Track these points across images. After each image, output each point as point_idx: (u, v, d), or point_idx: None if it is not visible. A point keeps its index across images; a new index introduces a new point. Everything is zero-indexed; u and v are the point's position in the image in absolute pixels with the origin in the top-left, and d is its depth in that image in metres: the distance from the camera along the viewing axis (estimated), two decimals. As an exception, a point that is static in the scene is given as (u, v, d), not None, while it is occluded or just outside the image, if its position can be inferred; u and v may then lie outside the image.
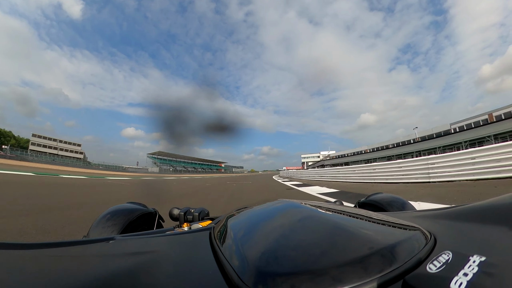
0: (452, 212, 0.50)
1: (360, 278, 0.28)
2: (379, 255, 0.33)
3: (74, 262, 0.44)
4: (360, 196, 2.27)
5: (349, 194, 6.99)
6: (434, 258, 0.29)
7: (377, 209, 1.04)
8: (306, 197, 7.19)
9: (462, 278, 0.23)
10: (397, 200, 1.05)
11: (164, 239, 0.59)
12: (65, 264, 0.43)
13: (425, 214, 0.57)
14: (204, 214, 1.14)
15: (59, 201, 5.48)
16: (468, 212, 0.47)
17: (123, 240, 0.55)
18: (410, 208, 1.00)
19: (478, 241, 0.34)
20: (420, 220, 0.51)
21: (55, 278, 0.35)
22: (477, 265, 0.25)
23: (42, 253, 0.45)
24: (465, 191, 5.16)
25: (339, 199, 1.27)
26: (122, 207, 1.11)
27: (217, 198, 7.54)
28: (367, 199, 1.17)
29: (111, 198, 7.13)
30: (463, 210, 0.49)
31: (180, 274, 0.37)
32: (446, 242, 0.37)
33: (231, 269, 0.34)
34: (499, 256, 0.27)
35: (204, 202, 6.60)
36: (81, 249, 0.51)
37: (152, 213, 1.19)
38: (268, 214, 0.63)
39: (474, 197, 4.42)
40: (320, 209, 0.61)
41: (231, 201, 6.47)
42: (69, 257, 0.46)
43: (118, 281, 0.33)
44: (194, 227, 0.80)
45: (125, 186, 12.52)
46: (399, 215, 0.60)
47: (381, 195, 1.14)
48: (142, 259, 0.43)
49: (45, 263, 0.41)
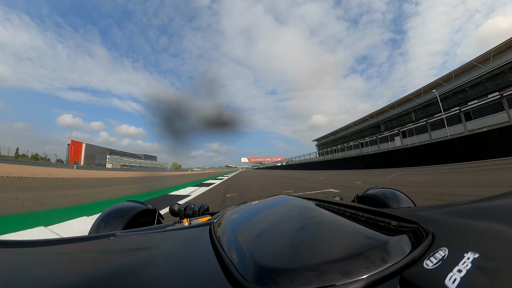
0: (450, 208, 0.51)
1: (359, 273, 0.28)
2: (377, 250, 0.33)
3: (76, 258, 0.45)
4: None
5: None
6: (431, 254, 0.30)
7: (375, 203, 1.05)
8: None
9: (456, 274, 0.24)
10: (395, 194, 1.06)
11: (164, 234, 0.60)
12: (67, 260, 0.43)
13: (423, 210, 0.57)
14: (204, 209, 1.15)
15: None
16: (466, 209, 0.48)
17: (123, 236, 0.55)
18: (408, 202, 1.01)
19: (474, 238, 0.35)
20: (419, 216, 0.51)
21: (57, 274, 0.35)
22: (471, 262, 0.26)
23: (45, 251, 0.46)
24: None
25: (338, 194, 1.27)
26: (122, 205, 1.12)
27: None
28: (365, 193, 1.17)
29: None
30: (461, 207, 0.49)
31: (180, 269, 0.38)
32: (443, 238, 0.37)
33: (231, 264, 0.35)
34: (492, 254, 0.27)
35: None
36: (82, 246, 0.51)
37: (151, 210, 1.20)
38: (268, 209, 0.64)
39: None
40: (319, 204, 0.61)
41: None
42: (71, 253, 0.47)
43: (119, 276, 0.33)
44: (194, 222, 0.81)
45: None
46: (398, 211, 0.60)
47: (380, 189, 1.14)
48: (142, 255, 0.43)
49: (48, 260, 0.42)
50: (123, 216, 1.02)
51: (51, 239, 0.50)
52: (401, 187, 3.09)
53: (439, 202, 0.86)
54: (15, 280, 0.33)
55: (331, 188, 6.34)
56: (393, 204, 1.00)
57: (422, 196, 3.73)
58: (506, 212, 0.40)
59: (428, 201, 3.27)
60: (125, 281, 0.32)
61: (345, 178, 10.27)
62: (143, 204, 1.21)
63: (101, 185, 8.90)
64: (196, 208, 1.12)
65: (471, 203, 0.49)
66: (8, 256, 0.42)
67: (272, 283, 0.29)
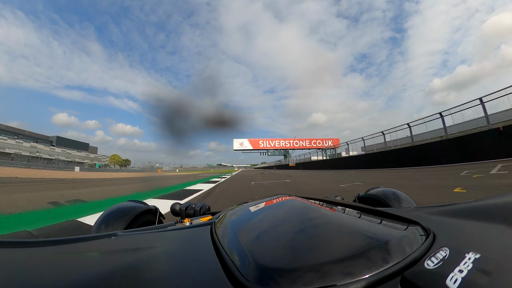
0: (452, 208, 0.51)
1: (360, 273, 0.28)
2: (379, 250, 0.34)
3: (77, 258, 0.45)
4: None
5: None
6: (432, 254, 0.30)
7: (377, 203, 1.05)
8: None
9: (458, 274, 0.24)
10: (396, 194, 1.05)
11: (165, 234, 0.60)
12: (68, 260, 0.43)
13: (424, 210, 0.58)
14: (205, 209, 1.15)
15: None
16: (467, 209, 0.48)
17: (124, 236, 0.55)
18: (409, 202, 1.01)
19: (475, 238, 0.35)
20: (419, 216, 0.51)
21: (59, 274, 0.35)
22: (472, 262, 0.26)
23: (47, 250, 0.46)
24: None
25: (339, 195, 1.27)
26: (123, 205, 1.12)
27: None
28: (366, 193, 1.17)
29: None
30: (462, 207, 0.50)
31: (181, 269, 0.38)
32: (444, 238, 0.37)
33: (232, 264, 0.35)
34: (493, 254, 0.27)
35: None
36: (84, 246, 0.51)
37: (152, 210, 1.20)
38: (269, 209, 0.64)
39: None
40: (320, 204, 0.61)
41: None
42: (72, 253, 0.47)
43: (120, 276, 0.33)
44: (195, 222, 0.81)
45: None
46: (399, 211, 0.60)
47: (381, 189, 1.14)
48: (143, 254, 0.43)
49: (49, 260, 0.42)
50: (125, 216, 1.02)
51: (52, 239, 0.50)
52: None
53: (439, 203, 0.84)
54: (16, 280, 0.33)
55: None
56: (394, 204, 1.00)
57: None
58: (507, 212, 0.40)
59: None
60: (126, 281, 0.32)
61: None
62: (144, 204, 1.22)
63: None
64: (197, 208, 1.12)
65: (472, 202, 0.49)
66: (8, 256, 0.42)
67: (273, 283, 0.29)
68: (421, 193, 4.18)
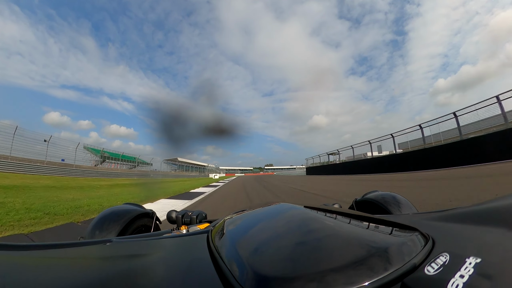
0: (450, 214, 0.51)
1: (359, 281, 0.28)
2: (378, 257, 0.33)
3: (71, 264, 0.44)
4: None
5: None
6: (432, 260, 0.30)
7: (375, 207, 1.04)
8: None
9: (459, 280, 0.24)
10: (395, 198, 1.04)
11: (161, 241, 0.59)
12: (62, 265, 0.43)
13: (423, 216, 0.57)
14: (202, 217, 1.13)
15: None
16: (467, 214, 0.48)
17: (120, 243, 0.55)
18: (407, 205, 1.00)
19: (475, 243, 0.35)
20: (418, 222, 0.51)
21: (52, 280, 0.34)
22: (473, 267, 0.25)
23: (40, 254, 0.46)
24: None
25: (337, 202, 1.26)
26: (119, 208, 1.11)
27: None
28: (363, 197, 1.16)
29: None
30: (461, 212, 0.49)
31: (177, 277, 0.37)
32: (443, 244, 0.37)
33: (228, 272, 0.34)
34: (494, 258, 0.27)
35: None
36: (78, 251, 0.50)
37: (149, 214, 1.19)
38: (266, 217, 0.63)
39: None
40: (318, 212, 0.61)
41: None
42: (67, 258, 0.46)
43: (114, 284, 0.33)
44: (192, 229, 0.80)
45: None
46: (397, 217, 0.60)
47: (378, 193, 1.13)
48: (139, 262, 0.43)
49: (43, 265, 0.41)
50: (119, 220, 1.00)
51: (46, 244, 0.49)
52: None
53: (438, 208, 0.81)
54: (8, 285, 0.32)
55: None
56: (392, 208, 0.98)
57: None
58: (507, 215, 0.40)
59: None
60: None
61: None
62: (140, 207, 1.20)
63: None
64: (194, 216, 1.10)
65: (471, 207, 0.49)
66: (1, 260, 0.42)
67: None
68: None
